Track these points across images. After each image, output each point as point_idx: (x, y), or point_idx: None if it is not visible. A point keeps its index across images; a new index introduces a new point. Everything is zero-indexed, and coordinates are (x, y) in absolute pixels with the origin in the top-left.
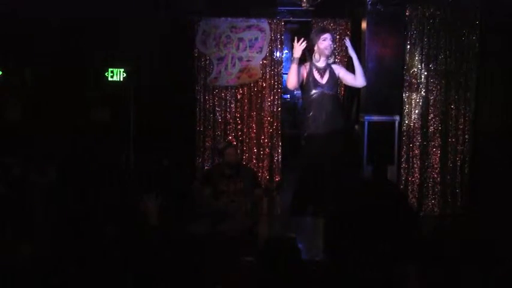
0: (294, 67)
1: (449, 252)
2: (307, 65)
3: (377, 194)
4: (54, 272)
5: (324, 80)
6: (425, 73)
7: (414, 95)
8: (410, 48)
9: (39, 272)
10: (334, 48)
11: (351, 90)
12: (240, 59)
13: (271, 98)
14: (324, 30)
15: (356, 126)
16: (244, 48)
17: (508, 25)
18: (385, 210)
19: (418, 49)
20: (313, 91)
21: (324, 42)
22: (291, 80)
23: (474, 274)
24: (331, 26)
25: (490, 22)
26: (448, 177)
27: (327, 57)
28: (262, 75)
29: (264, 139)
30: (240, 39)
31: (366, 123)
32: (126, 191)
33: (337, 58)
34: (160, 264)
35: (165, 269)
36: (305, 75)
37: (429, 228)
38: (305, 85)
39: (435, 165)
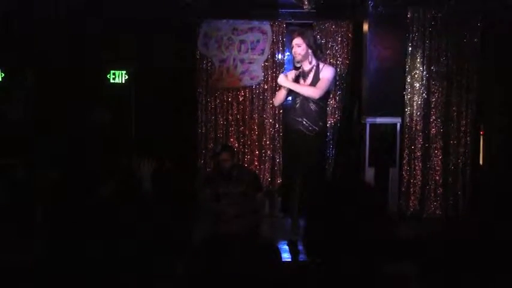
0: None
1: (450, 254)
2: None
3: (345, 193)
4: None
5: (305, 84)
6: (427, 75)
7: (416, 97)
8: (411, 50)
9: (40, 273)
10: (308, 54)
11: (351, 91)
12: (242, 61)
13: (273, 100)
14: (295, 36)
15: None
16: (246, 50)
17: (509, 27)
18: (355, 208)
19: (420, 51)
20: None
21: (293, 50)
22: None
23: (474, 276)
24: (333, 28)
25: (492, 24)
26: (450, 179)
27: (301, 62)
28: (264, 77)
29: (265, 141)
30: (242, 41)
31: (368, 125)
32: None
33: (338, 60)
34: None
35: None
36: (290, 78)
37: (427, 231)
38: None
39: (437, 167)
